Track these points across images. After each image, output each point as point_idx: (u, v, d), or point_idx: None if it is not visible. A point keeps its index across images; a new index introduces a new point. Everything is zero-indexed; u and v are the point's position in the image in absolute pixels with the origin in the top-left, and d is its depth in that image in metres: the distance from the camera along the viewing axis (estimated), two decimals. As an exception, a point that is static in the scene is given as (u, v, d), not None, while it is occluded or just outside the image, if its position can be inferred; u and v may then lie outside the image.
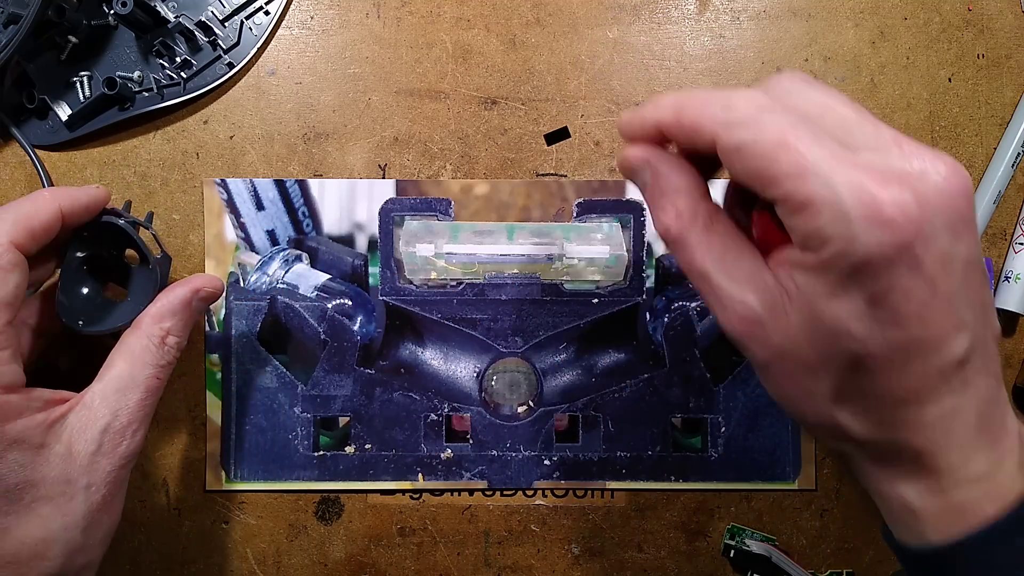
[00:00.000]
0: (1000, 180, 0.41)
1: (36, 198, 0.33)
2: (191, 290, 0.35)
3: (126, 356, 0.33)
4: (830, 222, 0.22)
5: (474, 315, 0.42)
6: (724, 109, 0.24)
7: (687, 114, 0.25)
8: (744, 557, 0.41)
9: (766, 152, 0.23)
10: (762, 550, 0.40)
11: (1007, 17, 0.42)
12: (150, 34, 0.41)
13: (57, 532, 0.31)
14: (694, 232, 0.26)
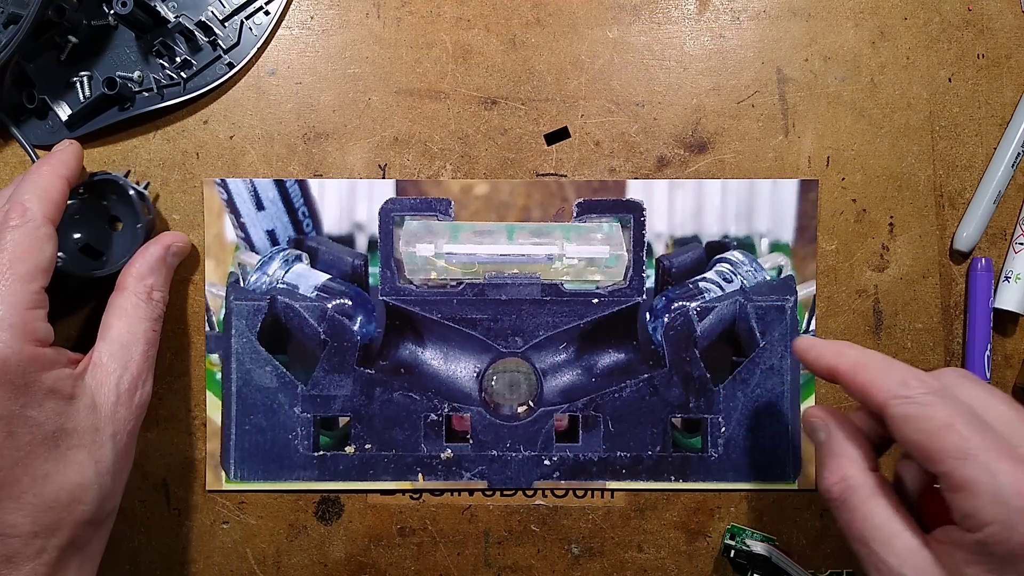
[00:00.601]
0: (1000, 180, 0.41)
1: (43, 173, 0.36)
2: (163, 247, 0.39)
3: (120, 315, 0.37)
4: (989, 505, 0.25)
5: (474, 315, 0.42)
6: (899, 384, 0.28)
7: (863, 376, 0.30)
8: (744, 557, 0.41)
9: (933, 430, 0.27)
10: (762, 550, 0.40)
11: (1007, 17, 0.42)
12: (150, 34, 0.41)
13: (91, 477, 0.33)
14: (856, 499, 0.29)
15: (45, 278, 0.34)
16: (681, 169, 0.42)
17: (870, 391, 0.29)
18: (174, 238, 0.39)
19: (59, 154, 0.37)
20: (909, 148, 0.42)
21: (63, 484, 0.32)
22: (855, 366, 0.31)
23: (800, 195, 0.42)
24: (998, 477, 0.25)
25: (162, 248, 0.39)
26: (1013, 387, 0.42)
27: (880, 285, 0.42)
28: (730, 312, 0.42)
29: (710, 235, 0.42)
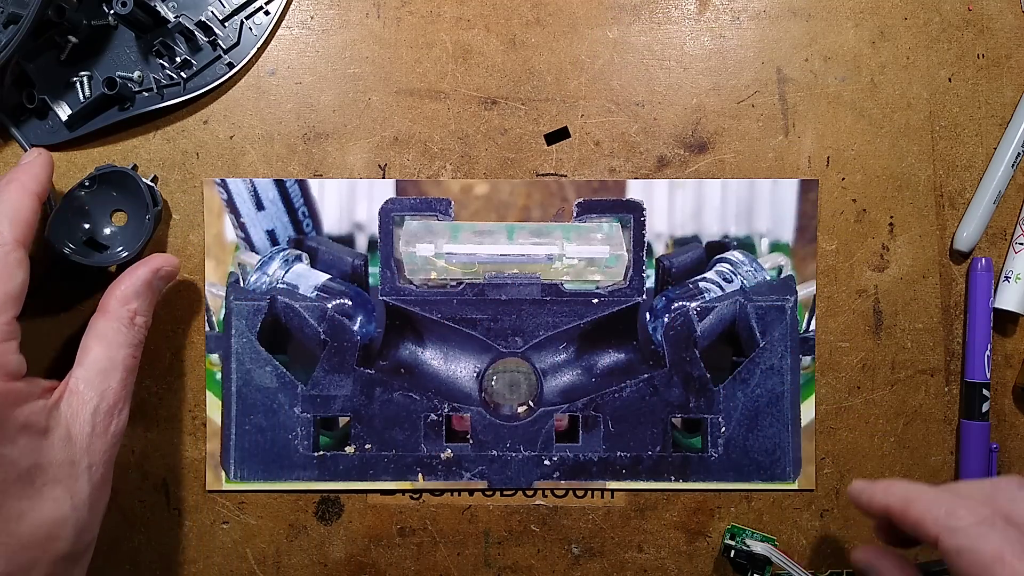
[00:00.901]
0: (1000, 180, 0.41)
1: (11, 191, 0.34)
2: (151, 270, 0.37)
3: (100, 340, 0.35)
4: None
5: (474, 315, 0.42)
6: (948, 515, 0.29)
7: (914, 510, 0.31)
8: (744, 557, 0.41)
9: (984, 563, 0.27)
10: (762, 550, 0.40)
11: (1007, 17, 0.42)
12: (150, 34, 0.41)
13: (67, 512, 0.32)
14: None
15: (16, 307, 0.32)
16: (681, 169, 0.42)
17: (922, 526, 0.30)
18: (164, 261, 0.38)
19: (27, 167, 0.35)
20: (909, 148, 0.42)
21: (39, 522, 0.31)
22: (905, 501, 0.31)
23: (800, 195, 0.42)
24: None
25: (150, 271, 0.37)
26: (1013, 387, 0.42)
27: (880, 285, 0.42)
28: (730, 312, 0.42)
29: (710, 235, 0.42)
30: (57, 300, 0.42)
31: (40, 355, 0.42)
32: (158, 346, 0.42)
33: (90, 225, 0.41)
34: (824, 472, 0.42)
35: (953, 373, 0.42)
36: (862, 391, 0.42)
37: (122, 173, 0.40)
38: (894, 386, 0.42)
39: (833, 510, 0.42)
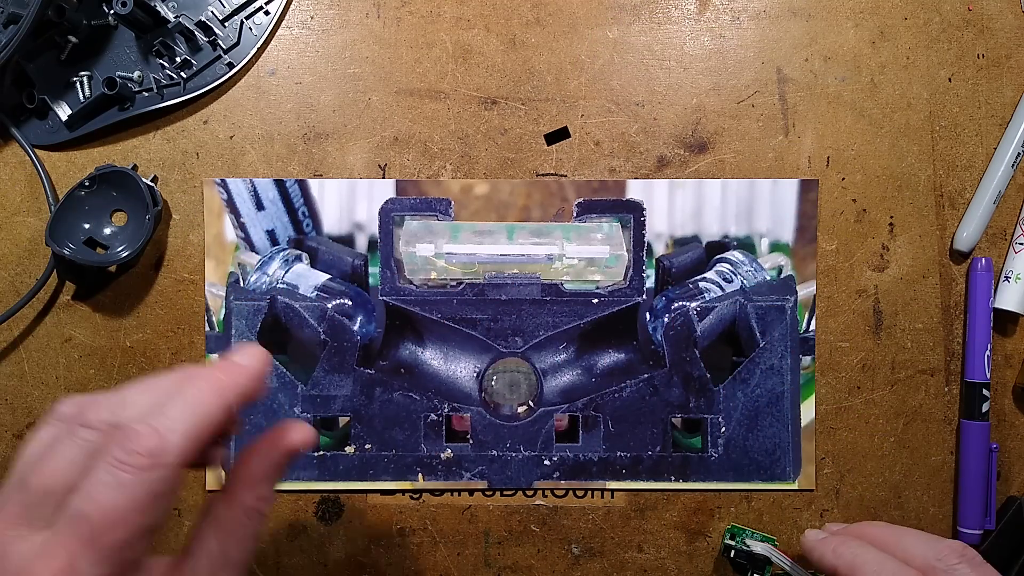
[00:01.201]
0: (1000, 180, 0.41)
1: (204, 394, 0.26)
2: (283, 453, 0.29)
3: (219, 531, 0.29)
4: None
5: (474, 315, 0.42)
6: None
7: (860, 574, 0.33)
8: (744, 557, 0.41)
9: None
10: (762, 550, 0.40)
11: (1007, 17, 0.42)
12: (150, 34, 0.41)
13: None
14: None
15: (148, 540, 0.26)
16: (681, 169, 0.42)
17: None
18: (302, 434, 0.29)
19: (233, 368, 0.28)
20: (909, 148, 0.42)
21: None
22: (852, 567, 0.34)
23: (800, 195, 0.42)
24: None
25: (282, 454, 0.29)
26: (1013, 387, 0.42)
27: (880, 285, 0.42)
28: (730, 312, 0.42)
29: (710, 235, 0.42)
30: (57, 300, 0.42)
31: (40, 355, 0.42)
32: (158, 346, 0.42)
33: (90, 225, 0.41)
34: (824, 472, 0.42)
35: (953, 373, 0.42)
36: (862, 391, 0.42)
37: (122, 173, 0.40)
38: (894, 386, 0.42)
39: (833, 510, 0.42)
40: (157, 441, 0.24)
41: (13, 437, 0.42)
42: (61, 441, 0.25)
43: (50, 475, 0.24)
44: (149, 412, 0.25)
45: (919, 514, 0.42)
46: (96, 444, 0.25)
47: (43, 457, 0.25)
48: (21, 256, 0.42)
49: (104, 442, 0.25)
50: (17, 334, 0.42)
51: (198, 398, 0.26)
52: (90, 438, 0.25)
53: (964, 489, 0.41)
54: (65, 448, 0.25)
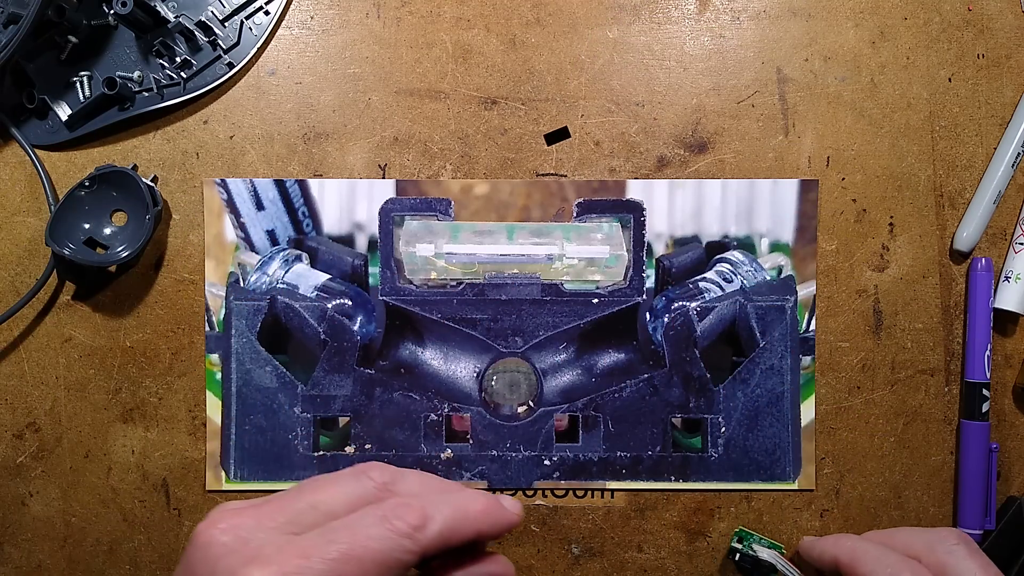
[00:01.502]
0: (1000, 180, 0.41)
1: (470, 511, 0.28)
2: None
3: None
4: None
5: (474, 315, 0.42)
6: None
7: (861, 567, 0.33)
8: (749, 562, 0.41)
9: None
10: (768, 557, 0.40)
11: (1007, 17, 0.42)
12: (150, 34, 0.41)
13: None
14: None
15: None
16: (681, 169, 0.42)
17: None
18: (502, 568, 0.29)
19: (503, 513, 0.29)
20: (909, 148, 0.42)
21: None
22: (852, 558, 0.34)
23: (800, 195, 0.42)
24: None
25: None
26: (1013, 387, 0.42)
27: (880, 285, 0.42)
28: (730, 312, 0.42)
29: (710, 235, 0.42)
30: (57, 300, 0.42)
31: (40, 355, 0.42)
32: (158, 346, 0.42)
33: (90, 225, 0.41)
34: (824, 472, 0.42)
35: (953, 373, 0.42)
36: (862, 391, 0.42)
37: (122, 173, 0.40)
38: (894, 386, 0.42)
39: (833, 510, 0.42)
40: (421, 521, 0.27)
41: (13, 437, 0.42)
42: (345, 478, 0.28)
43: (324, 495, 0.28)
44: (423, 495, 0.28)
45: (919, 514, 0.42)
46: (370, 494, 0.28)
47: (326, 483, 0.28)
48: (21, 256, 0.42)
49: (378, 495, 0.28)
50: (17, 334, 0.42)
51: (465, 508, 0.28)
52: (369, 487, 0.28)
53: (964, 489, 0.41)
54: (346, 483, 0.28)
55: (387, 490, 0.28)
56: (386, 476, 0.29)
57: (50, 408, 0.42)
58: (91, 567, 0.42)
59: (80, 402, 0.42)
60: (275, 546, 0.26)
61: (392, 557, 0.26)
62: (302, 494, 0.28)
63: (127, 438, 0.42)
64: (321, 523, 0.27)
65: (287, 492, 0.28)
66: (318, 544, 0.25)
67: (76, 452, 0.42)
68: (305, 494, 0.28)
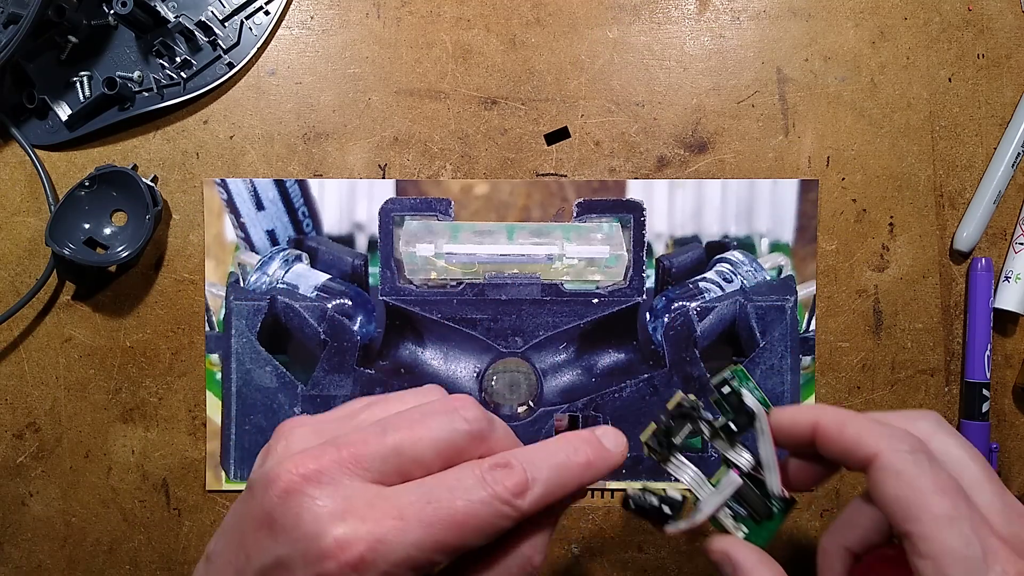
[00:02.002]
0: (1000, 180, 0.41)
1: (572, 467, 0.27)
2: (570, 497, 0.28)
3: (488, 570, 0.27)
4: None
5: (474, 315, 0.42)
6: (891, 437, 0.27)
7: (851, 428, 0.28)
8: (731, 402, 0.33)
9: (925, 489, 0.25)
10: (754, 407, 0.33)
11: (1007, 17, 0.42)
12: (150, 34, 0.41)
13: None
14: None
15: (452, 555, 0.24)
16: (681, 169, 0.42)
17: (859, 445, 0.28)
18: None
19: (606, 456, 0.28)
20: (909, 148, 0.42)
21: None
22: (839, 422, 0.29)
23: (800, 195, 0.42)
24: (977, 550, 0.24)
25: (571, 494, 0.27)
26: (1013, 387, 0.42)
27: (880, 285, 0.42)
28: (730, 312, 0.42)
29: (710, 235, 0.42)
30: (57, 300, 0.42)
31: (40, 355, 0.42)
32: (158, 346, 0.42)
33: (90, 225, 0.41)
34: (824, 472, 0.42)
35: (953, 373, 0.42)
36: (862, 391, 0.42)
37: (122, 173, 0.40)
38: (894, 386, 0.42)
39: (833, 510, 0.42)
40: (523, 486, 0.25)
41: (13, 437, 0.42)
42: (435, 416, 0.26)
43: (411, 436, 0.25)
44: (521, 451, 0.26)
45: (919, 514, 0.42)
46: (463, 442, 0.25)
47: (413, 421, 0.25)
48: (21, 256, 0.42)
49: (471, 444, 0.26)
50: (17, 334, 0.42)
51: (567, 465, 0.26)
52: (463, 431, 0.25)
53: (964, 489, 0.41)
54: (437, 424, 0.25)
55: (480, 439, 0.26)
56: (481, 422, 0.26)
57: (50, 408, 0.42)
58: (91, 567, 0.42)
59: (80, 402, 0.42)
60: (365, 500, 0.24)
61: (492, 524, 0.24)
62: (386, 434, 0.25)
63: (127, 438, 0.42)
64: (409, 472, 0.25)
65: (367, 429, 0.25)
66: (414, 504, 0.24)
67: (76, 452, 0.42)
68: (389, 433, 0.25)
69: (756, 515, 0.32)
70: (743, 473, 0.33)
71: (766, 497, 0.32)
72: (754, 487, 0.32)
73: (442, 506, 0.24)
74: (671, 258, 0.42)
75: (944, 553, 0.25)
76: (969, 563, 0.24)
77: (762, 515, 0.32)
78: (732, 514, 0.32)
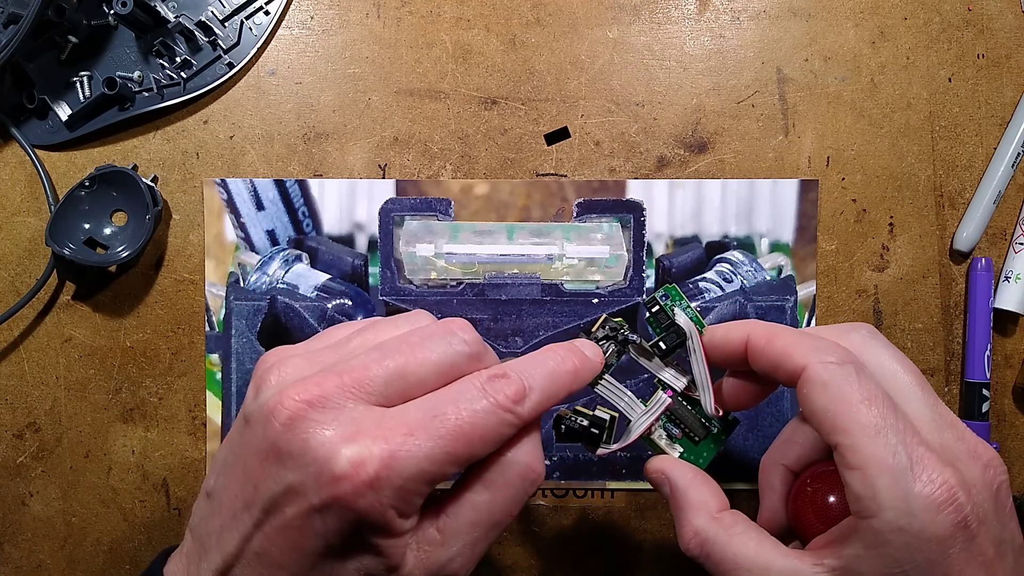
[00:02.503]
0: (1000, 180, 0.41)
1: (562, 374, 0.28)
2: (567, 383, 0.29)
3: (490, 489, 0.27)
4: (889, 488, 0.23)
5: (474, 315, 0.42)
6: (818, 349, 0.26)
7: (780, 341, 0.28)
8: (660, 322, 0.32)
9: (851, 400, 0.25)
10: (684, 325, 0.32)
11: (1007, 17, 0.42)
12: (150, 34, 0.41)
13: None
14: (715, 548, 0.28)
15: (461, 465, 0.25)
16: (681, 169, 0.42)
17: (788, 357, 0.27)
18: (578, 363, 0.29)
19: (588, 364, 0.29)
20: (909, 148, 0.42)
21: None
22: (769, 335, 0.28)
23: (800, 195, 0.42)
24: (904, 459, 0.24)
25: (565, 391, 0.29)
26: (1013, 387, 0.42)
27: (880, 285, 0.42)
28: (730, 312, 0.42)
29: (710, 235, 0.42)
30: (57, 300, 0.42)
31: (40, 355, 0.42)
32: (158, 346, 0.42)
33: (90, 225, 0.41)
34: (824, 472, 0.42)
35: (953, 373, 0.42)
36: (862, 391, 0.42)
37: (122, 173, 0.40)
38: (894, 386, 0.42)
39: (833, 510, 0.42)
40: (521, 393, 0.26)
41: (13, 437, 0.42)
42: (435, 339, 0.26)
43: (412, 360, 0.26)
44: (519, 366, 0.27)
45: (919, 514, 0.42)
46: (463, 362, 0.26)
47: (411, 346, 0.26)
48: (21, 256, 0.42)
49: (470, 363, 0.27)
50: (17, 334, 0.42)
51: (558, 373, 0.28)
52: (462, 352, 0.26)
53: (964, 489, 0.41)
54: (436, 347, 0.26)
55: (478, 359, 0.27)
56: (479, 343, 0.27)
57: (50, 408, 0.42)
58: (91, 567, 0.42)
59: (80, 402, 0.42)
60: (372, 421, 0.24)
61: (496, 432, 0.25)
62: (386, 358, 0.25)
63: (127, 438, 0.42)
64: (412, 394, 0.25)
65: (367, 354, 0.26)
66: (421, 419, 0.24)
67: (76, 452, 0.42)
68: (390, 357, 0.25)
69: (693, 435, 0.32)
70: (676, 393, 0.32)
71: (702, 417, 0.32)
72: (690, 407, 0.32)
73: (448, 418, 0.24)
74: (671, 258, 0.42)
75: (871, 463, 0.24)
76: (896, 472, 0.24)
77: (699, 435, 0.32)
78: (667, 435, 0.32)
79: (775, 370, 0.28)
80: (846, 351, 0.27)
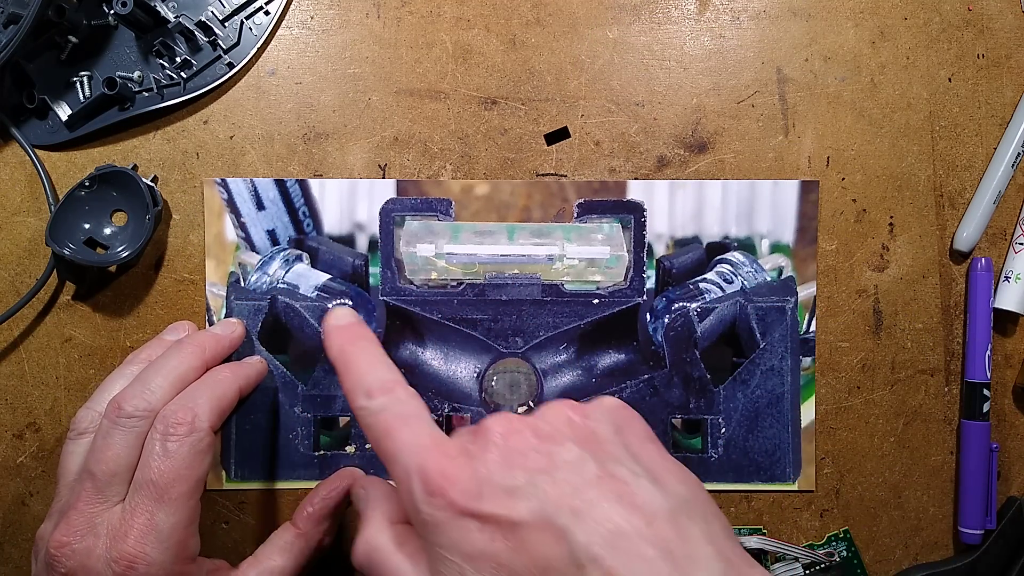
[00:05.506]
0: (1000, 180, 0.41)
1: (223, 380, 0.35)
2: (343, 491, 0.37)
3: (285, 553, 0.36)
4: (405, 496, 0.27)
5: (474, 315, 0.42)
6: (364, 395, 0.30)
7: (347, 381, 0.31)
8: None
9: (378, 437, 0.29)
10: (756, 544, 0.40)
11: (1007, 17, 0.42)
12: (150, 34, 0.41)
13: None
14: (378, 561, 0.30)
15: (201, 489, 0.33)
16: (681, 169, 0.42)
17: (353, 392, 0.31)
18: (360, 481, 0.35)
19: (245, 366, 0.38)
20: (909, 148, 0.42)
21: None
22: (346, 362, 0.31)
23: (800, 196, 0.42)
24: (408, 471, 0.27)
25: (341, 492, 0.37)
26: (1013, 387, 0.42)
27: (880, 285, 0.42)
28: (730, 313, 0.42)
29: (711, 236, 0.42)
30: (57, 300, 0.42)
31: (40, 355, 0.42)
32: (158, 346, 0.42)
33: (90, 225, 0.41)
34: (824, 472, 0.42)
35: (953, 373, 0.42)
36: (862, 391, 0.42)
37: (122, 173, 0.40)
38: (894, 386, 0.42)
39: (833, 510, 0.42)
40: (191, 415, 0.32)
41: (13, 437, 0.42)
42: (111, 433, 0.32)
43: (112, 460, 0.32)
44: (181, 397, 0.33)
45: (919, 514, 0.42)
46: (141, 428, 0.32)
47: (101, 448, 0.32)
48: (21, 256, 0.42)
49: (146, 426, 0.32)
50: (17, 334, 0.42)
51: (218, 384, 0.35)
52: (136, 425, 0.32)
53: (964, 489, 0.41)
54: (117, 437, 0.32)
55: (150, 413, 0.32)
56: (137, 403, 0.33)
57: (50, 408, 0.42)
58: (91, 567, 0.42)
59: (80, 402, 0.42)
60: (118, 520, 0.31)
61: (193, 453, 0.32)
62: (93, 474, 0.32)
63: (127, 438, 0.42)
64: (128, 480, 0.32)
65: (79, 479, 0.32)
66: (143, 498, 0.31)
67: (76, 452, 0.42)
68: (96, 471, 0.31)
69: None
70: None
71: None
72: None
73: (156, 478, 0.31)
74: (671, 259, 0.42)
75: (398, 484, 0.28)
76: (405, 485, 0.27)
77: None
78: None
79: None
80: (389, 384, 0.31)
